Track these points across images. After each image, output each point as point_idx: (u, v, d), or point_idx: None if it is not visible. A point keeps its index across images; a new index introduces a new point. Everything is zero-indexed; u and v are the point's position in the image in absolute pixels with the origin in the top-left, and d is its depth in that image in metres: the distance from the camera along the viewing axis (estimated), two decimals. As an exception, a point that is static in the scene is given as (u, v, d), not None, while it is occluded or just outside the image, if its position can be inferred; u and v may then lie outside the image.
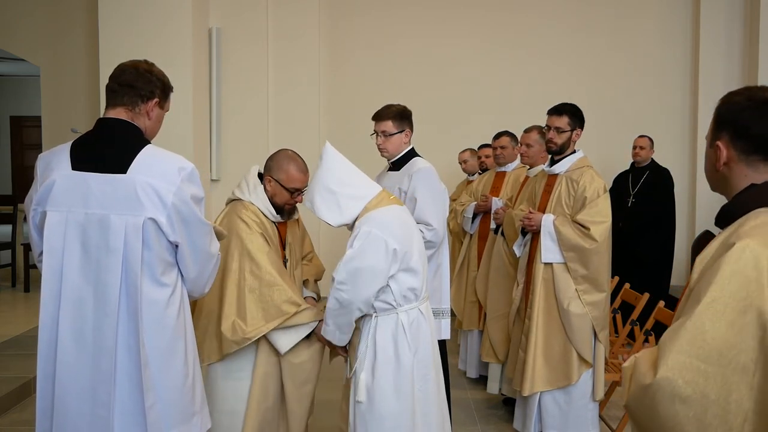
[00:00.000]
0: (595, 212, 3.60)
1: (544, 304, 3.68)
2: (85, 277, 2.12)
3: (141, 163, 2.14)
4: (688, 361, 1.34)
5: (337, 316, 2.62)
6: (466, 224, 5.04)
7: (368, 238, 2.52)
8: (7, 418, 4.24)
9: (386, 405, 2.58)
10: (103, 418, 2.11)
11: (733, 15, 7.08)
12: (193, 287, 2.33)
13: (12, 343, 5.32)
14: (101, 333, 2.11)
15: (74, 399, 2.13)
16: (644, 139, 6.33)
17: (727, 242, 1.43)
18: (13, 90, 13.14)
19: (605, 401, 4.19)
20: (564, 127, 3.72)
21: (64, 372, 2.12)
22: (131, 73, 2.21)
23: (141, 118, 2.23)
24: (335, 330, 2.67)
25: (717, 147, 1.55)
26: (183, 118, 5.96)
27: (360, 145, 4.72)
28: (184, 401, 2.25)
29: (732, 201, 1.56)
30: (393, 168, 3.50)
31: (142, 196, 2.10)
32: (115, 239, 2.10)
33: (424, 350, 2.67)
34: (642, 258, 6.06)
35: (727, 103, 1.56)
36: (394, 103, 3.55)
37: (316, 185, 2.70)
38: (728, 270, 1.37)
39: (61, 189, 2.13)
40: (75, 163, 2.15)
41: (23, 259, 7.58)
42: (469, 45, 7.37)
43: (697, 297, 1.40)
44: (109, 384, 2.10)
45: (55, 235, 2.13)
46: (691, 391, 1.33)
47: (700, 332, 1.35)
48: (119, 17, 5.90)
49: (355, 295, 2.53)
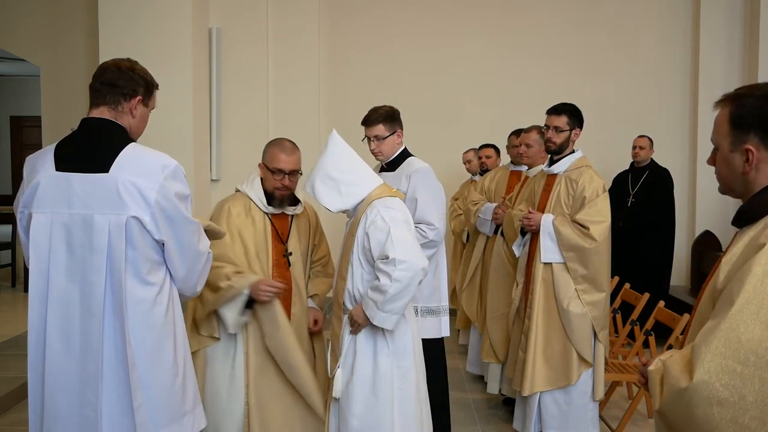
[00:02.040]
0: (594, 212, 3.60)
1: (543, 304, 3.68)
2: (70, 278, 2.12)
3: (123, 161, 2.12)
4: (725, 363, 1.33)
5: (402, 298, 2.54)
6: (482, 226, 4.75)
7: (393, 218, 2.58)
8: (7, 418, 4.24)
9: (362, 403, 2.61)
10: (90, 419, 2.10)
11: (733, 15, 7.08)
12: (184, 286, 2.31)
13: (12, 343, 5.32)
14: (87, 333, 2.10)
15: (63, 400, 2.12)
16: (644, 139, 6.33)
17: (755, 243, 1.42)
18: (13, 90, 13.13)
19: (605, 401, 4.20)
20: (563, 126, 3.72)
21: (53, 373, 2.12)
22: (113, 71, 2.20)
23: (125, 116, 2.22)
24: (393, 315, 2.59)
25: (747, 151, 1.51)
26: (183, 118, 5.96)
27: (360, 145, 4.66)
28: (173, 401, 2.23)
29: (751, 201, 1.52)
30: (387, 169, 3.49)
31: (124, 194, 2.09)
32: (98, 239, 2.10)
33: (404, 349, 2.68)
34: (642, 258, 6.06)
35: (743, 106, 1.51)
36: (394, 102, 3.54)
37: (317, 171, 2.72)
38: (760, 270, 1.36)
39: (46, 190, 2.13)
40: (58, 164, 2.15)
41: (23, 259, 7.57)
42: (468, 45, 7.36)
43: (729, 299, 1.39)
44: (96, 385, 2.09)
45: (40, 236, 2.13)
46: (729, 394, 1.32)
47: (735, 334, 1.34)
48: (119, 17, 5.90)
49: (417, 265, 2.53)
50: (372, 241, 2.58)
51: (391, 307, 2.55)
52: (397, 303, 2.54)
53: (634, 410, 3.81)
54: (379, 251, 2.55)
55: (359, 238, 2.64)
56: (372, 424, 2.61)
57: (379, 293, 2.54)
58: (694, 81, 7.24)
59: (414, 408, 2.70)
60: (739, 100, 1.53)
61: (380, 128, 3.37)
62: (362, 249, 2.64)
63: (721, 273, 1.47)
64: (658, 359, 1.50)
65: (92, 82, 2.22)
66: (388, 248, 2.51)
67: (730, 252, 1.48)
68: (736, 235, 1.56)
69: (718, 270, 1.50)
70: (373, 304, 2.56)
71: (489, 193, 4.96)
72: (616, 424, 3.94)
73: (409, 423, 2.67)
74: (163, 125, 5.63)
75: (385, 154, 3.43)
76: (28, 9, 7.23)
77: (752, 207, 1.51)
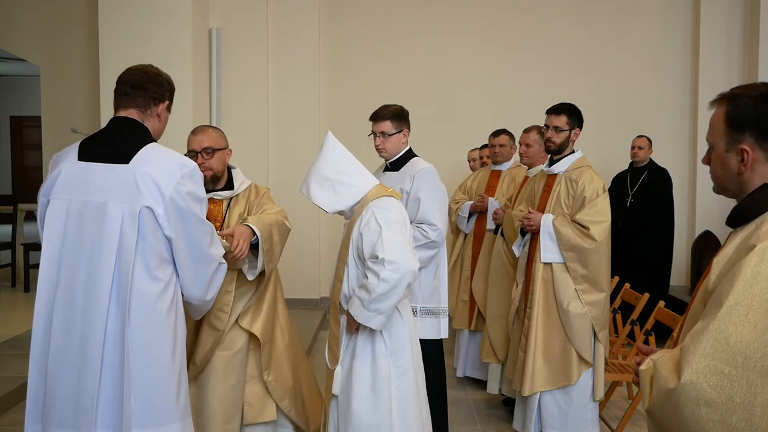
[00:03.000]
0: (594, 212, 3.60)
1: (543, 304, 3.68)
2: (78, 264, 2.15)
3: (144, 156, 2.19)
4: (713, 364, 1.33)
5: (389, 298, 2.52)
6: (461, 223, 5.01)
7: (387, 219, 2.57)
8: (7, 418, 4.24)
9: (361, 402, 2.61)
10: (87, 407, 2.11)
11: (733, 14, 7.08)
12: (192, 290, 2.31)
13: (12, 343, 5.32)
14: (90, 321, 2.12)
15: (62, 386, 2.14)
16: (643, 139, 6.33)
17: (746, 244, 1.42)
18: (13, 90, 13.13)
19: (605, 401, 4.20)
20: (562, 126, 3.72)
21: (54, 359, 2.14)
22: (142, 76, 2.29)
23: (151, 119, 2.32)
24: (379, 315, 2.56)
25: (743, 151, 1.50)
26: (183, 118, 5.93)
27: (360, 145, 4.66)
28: (165, 402, 2.20)
29: (745, 201, 1.52)
30: (391, 168, 3.52)
31: (141, 185, 2.15)
32: (110, 227, 2.13)
33: (402, 349, 2.69)
34: (641, 258, 6.06)
35: (739, 106, 1.51)
36: (394, 102, 3.56)
37: (313, 172, 2.72)
38: (750, 272, 1.36)
39: (65, 178, 2.20)
40: (81, 155, 2.22)
41: (23, 259, 7.58)
42: (468, 44, 7.36)
43: (718, 300, 1.39)
44: (95, 373, 2.11)
45: (55, 221, 2.18)
46: (716, 395, 1.33)
47: (724, 335, 1.34)
48: (119, 17, 5.90)
49: (406, 266, 2.50)
50: (364, 242, 2.58)
51: (377, 306, 2.53)
52: (383, 303, 2.52)
53: (634, 410, 3.81)
54: (370, 251, 2.55)
55: (354, 239, 2.64)
56: (371, 423, 2.62)
57: (365, 292, 2.53)
58: (694, 81, 7.24)
59: (413, 407, 2.70)
60: (735, 100, 1.52)
61: (387, 125, 3.41)
62: (356, 250, 2.64)
63: (713, 274, 1.47)
64: (649, 359, 1.50)
65: (119, 86, 2.30)
66: (378, 248, 2.51)
67: (722, 252, 1.48)
68: (730, 235, 1.56)
69: (710, 270, 1.50)
70: (359, 302, 2.56)
71: (470, 192, 5.12)
72: (616, 424, 3.94)
73: (408, 422, 2.68)
74: (163, 125, 5.65)
75: (389, 151, 3.46)
76: (27, 9, 7.23)
77: (746, 207, 1.51)
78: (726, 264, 1.44)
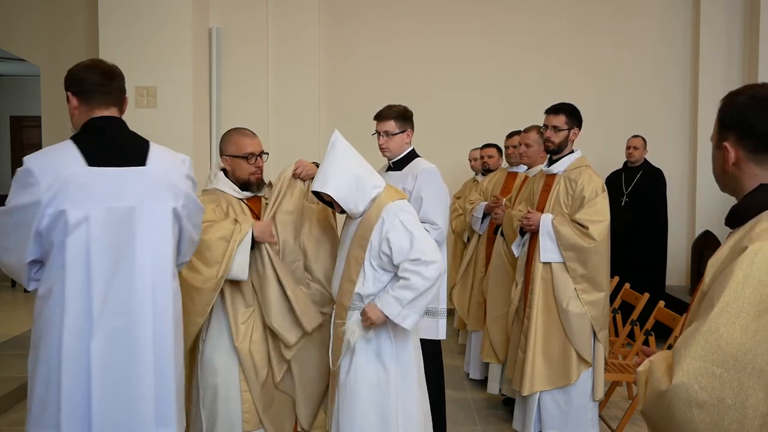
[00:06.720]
0: (593, 211, 3.60)
1: (543, 303, 3.68)
2: (114, 272, 2.09)
3: (155, 155, 2.23)
4: (704, 366, 1.33)
5: (429, 295, 2.64)
6: (475, 224, 4.93)
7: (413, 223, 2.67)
8: (7, 418, 4.24)
9: (365, 400, 2.62)
10: (143, 414, 2.13)
11: (733, 15, 7.07)
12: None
13: (12, 343, 5.32)
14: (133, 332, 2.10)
15: (114, 399, 2.09)
16: (637, 139, 6.34)
17: (739, 245, 1.42)
18: (13, 90, 13.12)
19: (605, 401, 4.20)
20: (561, 125, 3.73)
21: (103, 372, 2.06)
22: (119, 75, 2.28)
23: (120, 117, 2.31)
24: (415, 314, 2.65)
25: (724, 148, 1.53)
26: (183, 118, 5.96)
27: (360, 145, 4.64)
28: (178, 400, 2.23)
29: (742, 202, 1.53)
30: (394, 168, 3.53)
31: (164, 185, 2.19)
32: (144, 230, 2.14)
33: (405, 346, 2.70)
34: (635, 257, 6.07)
35: (730, 104, 1.54)
36: (395, 102, 3.57)
37: (332, 168, 2.69)
38: (741, 274, 1.36)
39: (80, 186, 2.08)
40: (90, 160, 2.12)
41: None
42: (469, 44, 7.36)
43: (710, 302, 1.39)
44: (149, 377, 2.13)
45: (78, 232, 2.06)
46: (708, 397, 1.32)
47: (715, 337, 1.34)
48: (119, 17, 5.90)
49: (443, 264, 2.69)
50: (393, 246, 2.61)
51: (419, 304, 2.63)
52: (423, 301, 2.63)
53: (634, 410, 3.81)
54: (404, 255, 2.60)
55: (374, 243, 2.64)
56: (374, 421, 2.62)
57: (409, 291, 2.59)
58: (694, 81, 7.24)
59: (416, 404, 2.71)
60: (730, 98, 1.55)
61: (391, 124, 3.43)
62: (377, 253, 2.64)
63: (707, 275, 1.47)
64: (648, 360, 1.51)
65: (102, 82, 2.21)
66: (415, 251, 2.59)
67: (717, 254, 1.49)
68: (729, 235, 1.56)
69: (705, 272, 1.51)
70: (396, 301, 2.60)
71: (486, 193, 5.07)
72: (616, 424, 3.94)
73: (411, 420, 2.68)
74: (163, 125, 5.64)
75: (392, 151, 3.47)
76: (27, 9, 7.23)
77: (742, 208, 1.52)
78: (720, 265, 1.44)
